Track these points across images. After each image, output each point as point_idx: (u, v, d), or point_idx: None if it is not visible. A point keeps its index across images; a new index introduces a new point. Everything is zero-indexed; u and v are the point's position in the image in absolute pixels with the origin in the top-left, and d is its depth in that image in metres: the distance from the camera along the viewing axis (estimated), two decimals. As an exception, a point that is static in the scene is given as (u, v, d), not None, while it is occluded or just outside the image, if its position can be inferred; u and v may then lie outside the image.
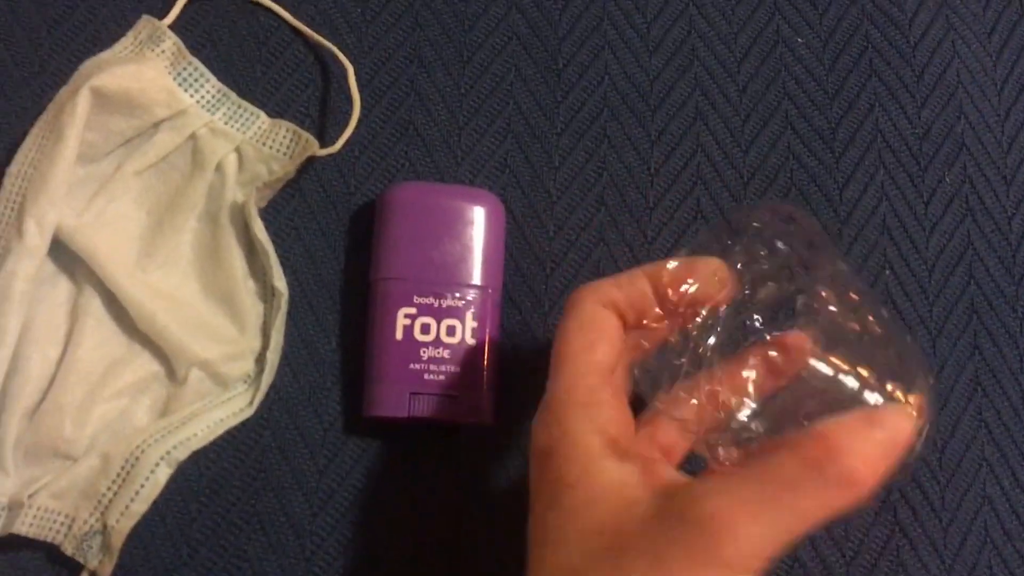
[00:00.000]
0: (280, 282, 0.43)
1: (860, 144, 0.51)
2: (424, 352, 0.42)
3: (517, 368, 0.45)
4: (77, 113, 0.41)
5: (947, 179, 0.52)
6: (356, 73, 0.46)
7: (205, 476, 0.42)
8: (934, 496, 0.47)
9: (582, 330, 0.35)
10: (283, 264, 0.44)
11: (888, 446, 0.30)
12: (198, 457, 0.41)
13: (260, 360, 0.43)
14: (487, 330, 0.43)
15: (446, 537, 0.43)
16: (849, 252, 0.49)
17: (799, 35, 0.53)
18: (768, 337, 0.34)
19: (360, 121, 0.47)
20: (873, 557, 0.45)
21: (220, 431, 0.41)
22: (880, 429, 0.30)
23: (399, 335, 0.42)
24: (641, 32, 0.51)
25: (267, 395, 0.43)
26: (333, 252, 0.46)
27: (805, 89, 0.52)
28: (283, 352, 0.43)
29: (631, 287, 0.35)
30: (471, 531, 0.43)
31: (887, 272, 0.50)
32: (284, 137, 0.44)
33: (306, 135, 0.44)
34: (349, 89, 0.46)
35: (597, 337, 0.34)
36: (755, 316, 0.34)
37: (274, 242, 0.44)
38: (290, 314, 0.44)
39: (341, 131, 0.46)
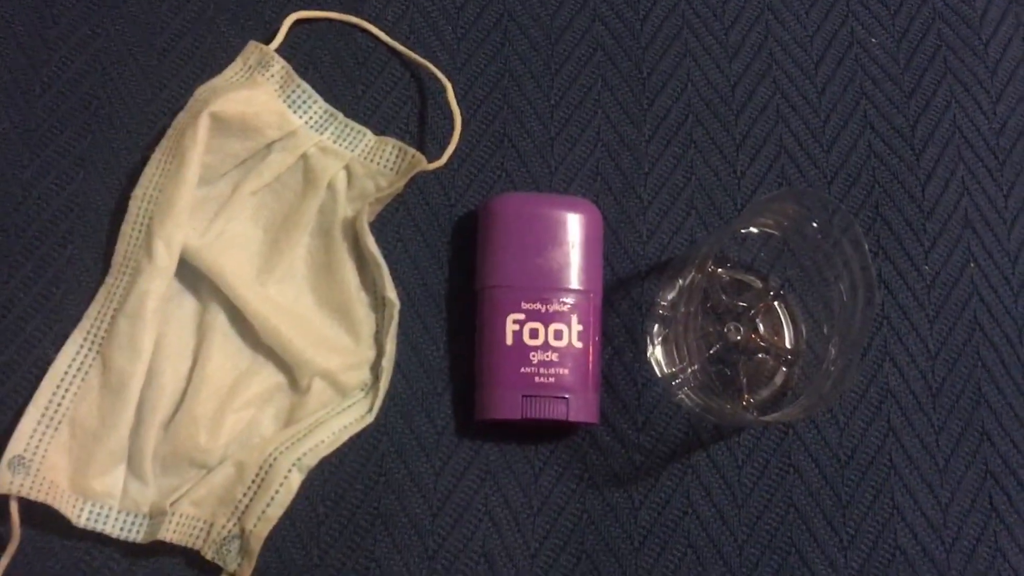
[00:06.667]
0: (391, 293, 0.45)
1: (939, 141, 0.53)
2: (534, 356, 0.44)
3: (619, 369, 0.47)
4: (198, 137, 0.43)
5: (1025, 172, 0.53)
6: (452, 89, 0.48)
7: (331, 481, 0.44)
8: (1027, 482, 0.48)
9: None
10: (391, 275, 0.46)
11: None
12: (323, 463, 0.43)
13: (375, 368, 0.45)
14: (591, 333, 0.45)
15: (563, 531, 0.45)
16: (933, 247, 0.51)
17: (873, 36, 0.54)
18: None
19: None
20: (971, 543, 0.47)
21: (345, 437, 0.43)
22: None
23: (509, 340, 0.44)
24: (720, 38, 0.53)
25: (383, 402, 0.44)
26: (437, 262, 0.47)
27: (882, 89, 0.53)
28: (395, 360, 0.45)
29: None
30: (586, 524, 0.45)
31: (972, 266, 0.51)
32: (390, 153, 0.46)
33: (412, 151, 0.46)
34: (449, 105, 0.48)
35: None
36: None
37: (382, 254, 0.46)
38: (400, 323, 0.46)
39: (439, 145, 0.48)
